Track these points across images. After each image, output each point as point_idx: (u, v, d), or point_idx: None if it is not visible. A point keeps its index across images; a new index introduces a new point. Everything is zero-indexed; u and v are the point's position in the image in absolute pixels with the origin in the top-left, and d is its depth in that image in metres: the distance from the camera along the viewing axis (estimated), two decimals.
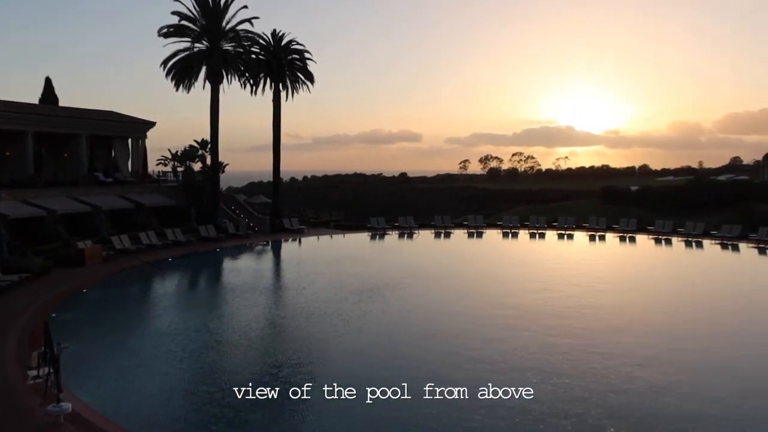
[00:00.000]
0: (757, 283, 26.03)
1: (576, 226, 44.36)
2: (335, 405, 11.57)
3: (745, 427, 10.76)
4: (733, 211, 52.75)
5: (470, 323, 17.94)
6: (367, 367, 13.82)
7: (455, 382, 12.29)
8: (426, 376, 12.83)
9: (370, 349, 15.56)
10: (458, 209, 68.90)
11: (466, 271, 28.26)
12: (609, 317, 18.73)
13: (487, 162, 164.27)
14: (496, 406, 11.36)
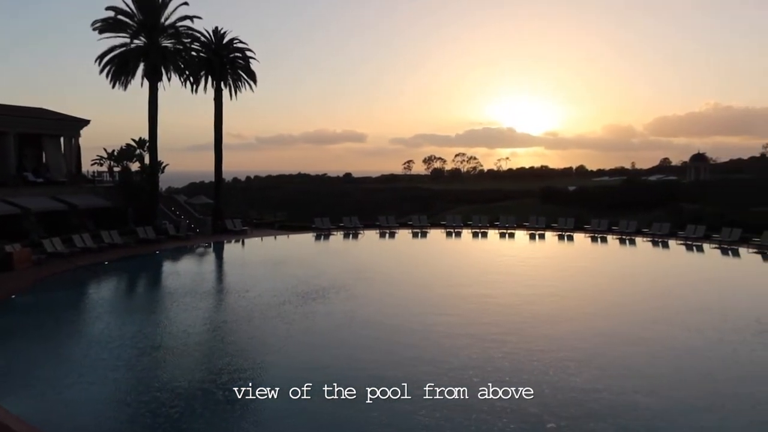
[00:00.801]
0: (684, 277, 27.26)
1: (517, 225, 45.47)
2: (276, 409, 11.47)
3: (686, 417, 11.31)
4: (663, 209, 55.29)
5: (414, 323, 18.08)
6: (310, 371, 13.69)
7: (398, 383, 12.38)
8: (369, 377, 12.87)
9: (313, 352, 15.42)
10: (403, 209, 69.41)
11: (410, 271, 28.53)
12: (549, 314, 19.27)
13: (430, 162, 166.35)
14: (439, 405, 11.51)
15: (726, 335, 16.76)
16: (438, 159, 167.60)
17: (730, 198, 66.18)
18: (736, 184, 79.22)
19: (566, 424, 10.76)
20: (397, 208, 67.25)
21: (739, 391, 12.64)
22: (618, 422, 10.92)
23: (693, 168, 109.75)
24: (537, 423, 10.82)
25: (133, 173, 42.82)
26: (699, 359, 14.92)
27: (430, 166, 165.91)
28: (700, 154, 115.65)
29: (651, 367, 14.14)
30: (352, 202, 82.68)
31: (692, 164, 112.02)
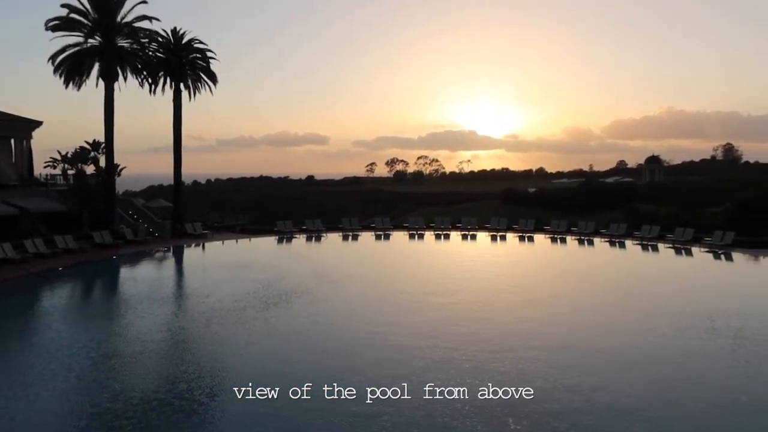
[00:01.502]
0: (640, 277, 27.95)
1: (479, 227, 45.94)
2: (235, 417, 11.30)
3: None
4: (620, 210, 56.66)
5: (378, 327, 18.01)
6: (272, 377, 13.54)
7: (361, 388, 12.34)
8: (332, 382, 12.78)
9: (275, 356, 15.24)
10: (366, 211, 69.44)
11: (374, 273, 28.55)
12: (511, 314, 19.54)
13: (393, 165, 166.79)
14: (404, 408, 11.52)
15: (680, 333, 17.24)
16: (401, 161, 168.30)
17: (683, 199, 68.33)
18: (689, 186, 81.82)
19: (528, 423, 10.89)
20: (360, 211, 67.24)
21: (693, 387, 13.01)
22: (577, 421, 11.10)
23: (648, 170, 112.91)
24: (500, 424, 10.91)
25: (89, 176, 41.66)
26: (654, 357, 15.28)
27: (393, 169, 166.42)
28: (654, 157, 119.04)
29: (608, 365, 14.44)
30: (315, 205, 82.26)
31: (647, 166, 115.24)
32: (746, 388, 12.91)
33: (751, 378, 13.54)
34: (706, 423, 11.24)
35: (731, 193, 62.55)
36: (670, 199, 68.39)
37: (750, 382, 13.29)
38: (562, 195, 77.61)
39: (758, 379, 13.47)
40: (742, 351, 15.43)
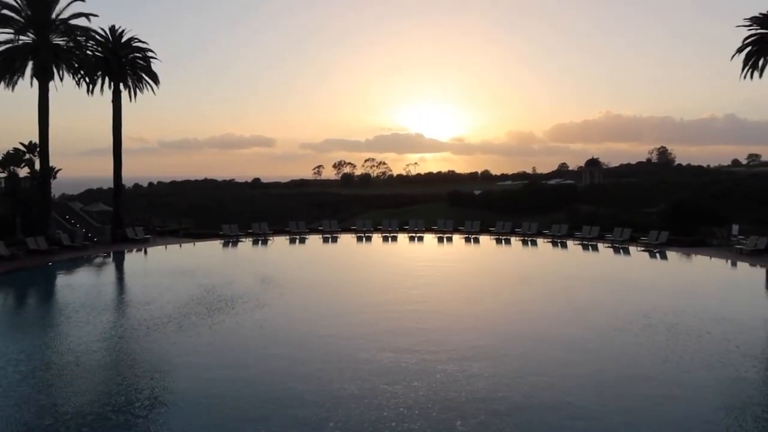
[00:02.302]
0: (581, 275, 28.83)
1: (426, 229, 46.43)
2: (176, 430, 11.03)
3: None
4: (562, 211, 58.31)
5: (325, 333, 17.93)
6: (215, 387, 13.29)
7: (307, 398, 12.26)
8: (279, 392, 12.65)
9: (219, 365, 14.82)
10: (313, 214, 69.07)
11: (321, 277, 28.34)
12: (455, 314, 19.81)
13: (340, 167, 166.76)
14: (352, 413, 11.51)
15: (617, 329, 17.89)
16: (348, 164, 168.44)
17: (621, 200, 70.92)
18: (626, 187, 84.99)
19: (476, 422, 11.06)
20: (307, 214, 66.79)
21: (629, 381, 13.53)
22: (518, 417, 11.36)
23: (588, 172, 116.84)
24: (447, 421, 11.04)
25: (22, 179, 39.82)
26: (592, 353, 15.83)
27: (340, 171, 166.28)
28: (594, 160, 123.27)
29: (549, 361, 14.83)
30: (262, 208, 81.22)
31: (587, 169, 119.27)
32: (680, 380, 13.51)
33: (685, 371, 14.16)
34: (640, 415, 11.67)
35: (665, 194, 65.40)
36: (609, 201, 70.89)
37: (684, 374, 13.91)
38: (506, 197, 79.29)
39: (692, 373, 14.09)
40: (676, 346, 16.13)
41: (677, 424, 11.26)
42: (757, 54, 35.56)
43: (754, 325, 19.15)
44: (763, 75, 35.53)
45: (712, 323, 18.48)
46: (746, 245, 34.67)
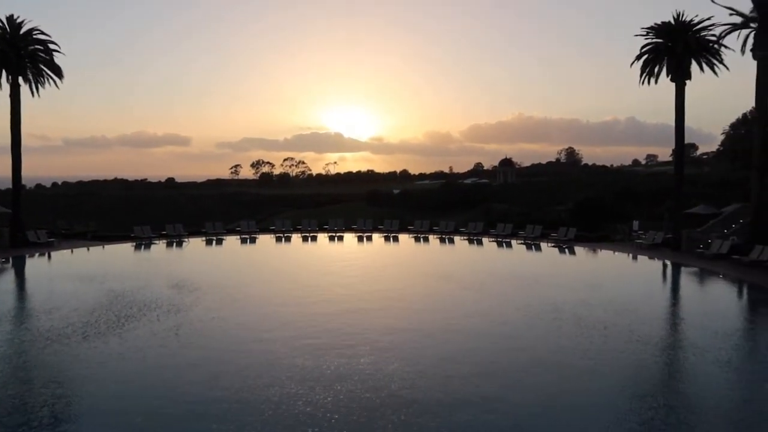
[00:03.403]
0: (495, 271, 29.88)
1: (345, 228, 46.56)
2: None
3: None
4: (477, 210, 60.09)
5: (244, 339, 17.65)
6: (126, 398, 12.79)
7: (222, 404, 12.01)
8: (192, 405, 12.30)
9: (130, 376, 14.05)
10: (231, 215, 67.53)
11: (239, 279, 27.76)
12: (374, 310, 20.02)
13: (259, 167, 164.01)
14: (273, 421, 11.40)
15: (528, 322, 18.72)
16: (266, 163, 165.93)
17: (533, 198, 73.87)
18: (537, 186, 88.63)
19: (397, 420, 11.25)
20: (224, 214, 65.19)
21: (540, 371, 14.20)
22: (438, 410, 11.66)
23: (502, 172, 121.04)
24: (365, 421, 11.16)
25: None
26: (506, 346, 16.46)
27: (259, 171, 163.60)
28: (507, 160, 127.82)
29: (469, 353, 15.30)
30: (177, 209, 78.53)
31: (501, 168, 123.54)
32: (595, 369, 14.31)
33: (596, 361, 15.01)
34: (551, 404, 12.27)
35: (573, 193, 68.74)
36: (522, 199, 73.70)
37: (596, 365, 14.73)
38: (424, 196, 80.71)
39: (601, 362, 14.95)
40: (585, 337, 17.05)
41: (584, 410, 11.93)
42: (653, 62, 38.07)
43: (654, 315, 20.61)
44: (659, 81, 38.11)
45: (616, 314, 19.68)
46: (645, 240, 37.13)
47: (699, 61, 36.90)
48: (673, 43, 36.71)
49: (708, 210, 38.81)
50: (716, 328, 18.05)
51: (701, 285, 28.01)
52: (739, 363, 15.24)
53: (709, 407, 12.08)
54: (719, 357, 15.19)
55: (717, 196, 44.18)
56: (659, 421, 11.34)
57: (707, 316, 20.30)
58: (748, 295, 25.02)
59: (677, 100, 37.47)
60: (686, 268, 30.82)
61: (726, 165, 72.76)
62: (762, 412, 12.02)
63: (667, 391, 13.27)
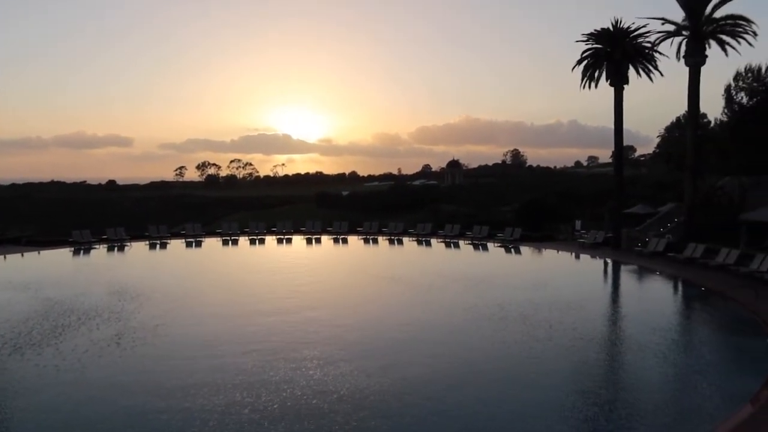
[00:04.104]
0: (443, 271, 30.17)
1: (294, 230, 46.15)
2: None
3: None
4: (426, 211, 60.59)
5: (189, 350, 17.16)
6: (60, 414, 12.24)
7: (162, 415, 11.67)
8: (138, 413, 11.91)
9: (67, 392, 13.37)
10: (175, 218, 65.77)
11: (183, 286, 27.02)
12: (319, 316, 19.89)
13: (204, 169, 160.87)
14: None
15: (476, 322, 18.96)
16: (212, 165, 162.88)
17: (480, 199, 75.04)
18: (484, 187, 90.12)
19: (347, 426, 11.17)
20: (169, 217, 63.48)
21: (484, 371, 14.40)
22: (382, 415, 11.66)
23: (450, 173, 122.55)
24: (318, 424, 11.06)
25: None
26: (451, 346, 16.63)
27: (205, 173, 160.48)
28: (455, 161, 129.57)
29: (417, 354, 15.36)
30: (118, 212, 76.09)
31: (449, 170, 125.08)
32: (541, 368, 14.59)
33: (541, 359, 15.32)
34: (500, 405, 12.46)
35: (518, 194, 70.21)
36: (469, 200, 74.76)
37: (541, 363, 15.03)
38: (373, 197, 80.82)
39: (547, 360, 15.28)
40: (530, 336, 17.40)
41: (529, 409, 12.16)
42: (593, 67, 39.30)
43: (597, 312, 21.24)
44: (599, 85, 39.37)
45: (560, 313, 20.17)
46: (587, 239, 38.27)
47: (636, 66, 38.32)
48: (612, 48, 37.99)
49: (645, 210, 40.30)
50: (654, 325, 18.75)
51: (640, 282, 29.06)
52: (675, 357, 15.86)
53: (647, 401, 12.50)
54: (657, 352, 15.78)
55: (654, 197, 45.94)
56: (603, 419, 11.66)
57: (646, 313, 21.09)
58: (682, 291, 26.10)
59: (616, 103, 38.79)
60: (626, 266, 31.92)
61: (662, 166, 75.81)
62: (696, 406, 12.54)
63: (610, 387, 13.67)
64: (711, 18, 34.75)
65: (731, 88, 43.60)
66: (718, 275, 26.84)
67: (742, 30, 34.28)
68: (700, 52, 34.66)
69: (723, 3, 34.47)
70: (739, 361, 15.89)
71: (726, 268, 27.56)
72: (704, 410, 12.11)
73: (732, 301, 21.81)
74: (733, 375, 14.46)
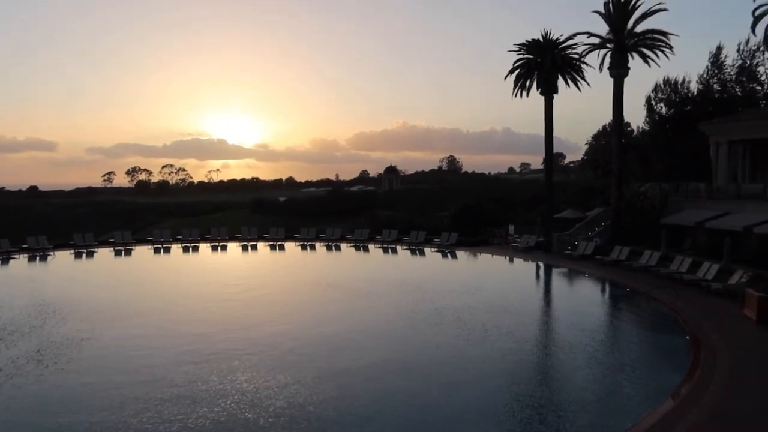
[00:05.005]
0: (382, 277, 30.27)
1: (229, 237, 45.19)
2: None
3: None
4: (363, 217, 60.69)
5: (113, 359, 16.55)
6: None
7: None
8: None
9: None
10: (103, 225, 63.18)
11: (110, 296, 25.85)
12: (252, 324, 19.55)
13: (135, 174, 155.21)
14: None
15: (414, 328, 19.10)
16: (143, 170, 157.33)
17: (417, 205, 75.79)
18: (421, 193, 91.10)
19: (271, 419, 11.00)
20: (97, 225, 60.85)
21: (423, 375, 14.52)
22: (315, 428, 11.56)
23: (387, 179, 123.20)
24: None
25: None
26: (389, 353, 16.69)
27: (135, 178, 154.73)
28: (392, 167, 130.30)
29: (353, 361, 15.32)
30: (40, 220, 72.37)
31: (386, 176, 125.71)
32: (477, 371, 14.81)
33: (477, 363, 15.57)
34: (436, 409, 12.59)
35: (454, 199, 71.31)
36: (406, 205, 75.39)
37: (477, 367, 15.28)
38: (310, 203, 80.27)
39: (483, 363, 15.54)
40: (465, 340, 17.68)
41: (466, 414, 12.34)
42: (524, 76, 40.53)
43: (530, 315, 21.83)
44: (530, 94, 40.62)
45: (495, 316, 20.60)
46: (520, 243, 39.32)
47: (565, 76, 39.79)
48: (542, 59, 39.29)
49: (575, 214, 41.83)
50: (583, 325, 19.46)
51: (570, 284, 30.08)
52: (603, 356, 16.49)
53: (578, 401, 12.93)
54: (586, 352, 16.37)
55: (582, 202, 47.67)
56: (537, 421, 11.95)
57: (576, 314, 21.87)
58: (609, 292, 27.19)
59: (546, 112, 40.13)
60: (557, 268, 32.98)
61: (590, 173, 78.86)
62: (623, 402, 13.06)
63: (543, 388, 14.02)
64: (632, 32, 36.59)
65: (651, 99, 45.95)
66: (642, 276, 28.14)
67: (661, 44, 36.26)
68: (623, 63, 36.42)
69: (643, 18, 36.40)
70: (661, 358, 16.70)
71: (649, 269, 28.93)
72: (630, 406, 12.63)
73: (654, 301, 22.91)
74: (656, 371, 15.17)
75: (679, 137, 39.58)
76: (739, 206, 30.72)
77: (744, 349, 16.17)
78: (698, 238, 31.49)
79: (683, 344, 17.08)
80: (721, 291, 23.04)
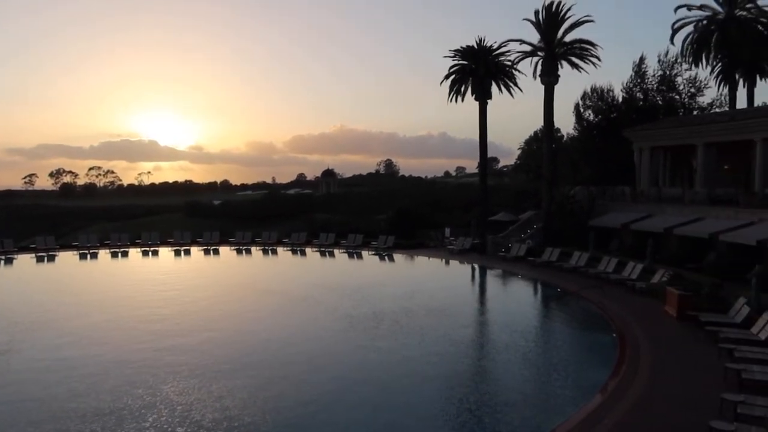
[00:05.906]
0: (317, 280, 30.06)
1: (161, 242, 43.79)
2: None
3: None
4: (300, 220, 60.08)
5: (32, 372, 15.71)
6: None
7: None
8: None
9: None
10: (24, 230, 59.84)
11: (28, 306, 24.50)
12: (184, 327, 19.00)
13: (59, 176, 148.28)
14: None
15: (352, 333, 19.06)
16: (68, 173, 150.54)
17: (354, 208, 75.77)
18: (358, 196, 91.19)
19: None
20: (16, 230, 57.60)
21: (359, 382, 14.49)
22: None
23: (324, 182, 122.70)
24: None
25: None
26: (323, 358, 16.59)
27: (59, 181, 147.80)
28: (329, 170, 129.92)
29: (290, 366, 15.11)
30: None
31: (323, 179, 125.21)
32: (416, 375, 14.87)
33: (412, 368, 15.64)
34: (374, 413, 12.58)
35: (391, 202, 71.73)
36: (344, 209, 75.17)
37: (412, 372, 15.35)
38: (246, 206, 78.83)
39: (421, 366, 15.63)
40: (402, 344, 17.76)
41: (405, 419, 12.38)
42: (459, 81, 41.32)
43: (465, 316, 22.17)
44: (465, 99, 41.42)
45: (432, 318, 20.82)
46: (456, 246, 39.93)
47: (498, 83, 40.84)
48: (476, 65, 40.17)
49: (508, 217, 42.86)
50: (517, 326, 19.94)
51: (504, 286, 30.79)
52: (535, 356, 16.95)
53: (512, 401, 13.23)
54: (520, 352, 16.79)
55: (515, 205, 48.86)
56: (474, 424, 12.11)
57: (510, 315, 22.44)
58: (541, 292, 27.99)
59: (480, 117, 41.02)
60: (491, 270, 33.68)
61: (522, 176, 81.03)
62: (555, 399, 13.46)
63: (480, 390, 14.23)
64: (562, 41, 37.95)
65: (579, 106, 47.70)
66: (572, 276, 29.12)
67: (589, 53, 37.79)
68: (554, 71, 37.71)
69: (572, 28, 37.85)
70: (590, 355, 17.33)
71: (578, 270, 29.99)
72: (561, 402, 13.02)
73: (583, 300, 23.75)
74: (586, 368, 15.72)
75: (605, 143, 41.22)
76: (660, 209, 32.29)
77: (665, 344, 16.99)
78: (624, 239, 32.90)
79: (610, 341, 17.76)
80: (644, 289, 24.13)
